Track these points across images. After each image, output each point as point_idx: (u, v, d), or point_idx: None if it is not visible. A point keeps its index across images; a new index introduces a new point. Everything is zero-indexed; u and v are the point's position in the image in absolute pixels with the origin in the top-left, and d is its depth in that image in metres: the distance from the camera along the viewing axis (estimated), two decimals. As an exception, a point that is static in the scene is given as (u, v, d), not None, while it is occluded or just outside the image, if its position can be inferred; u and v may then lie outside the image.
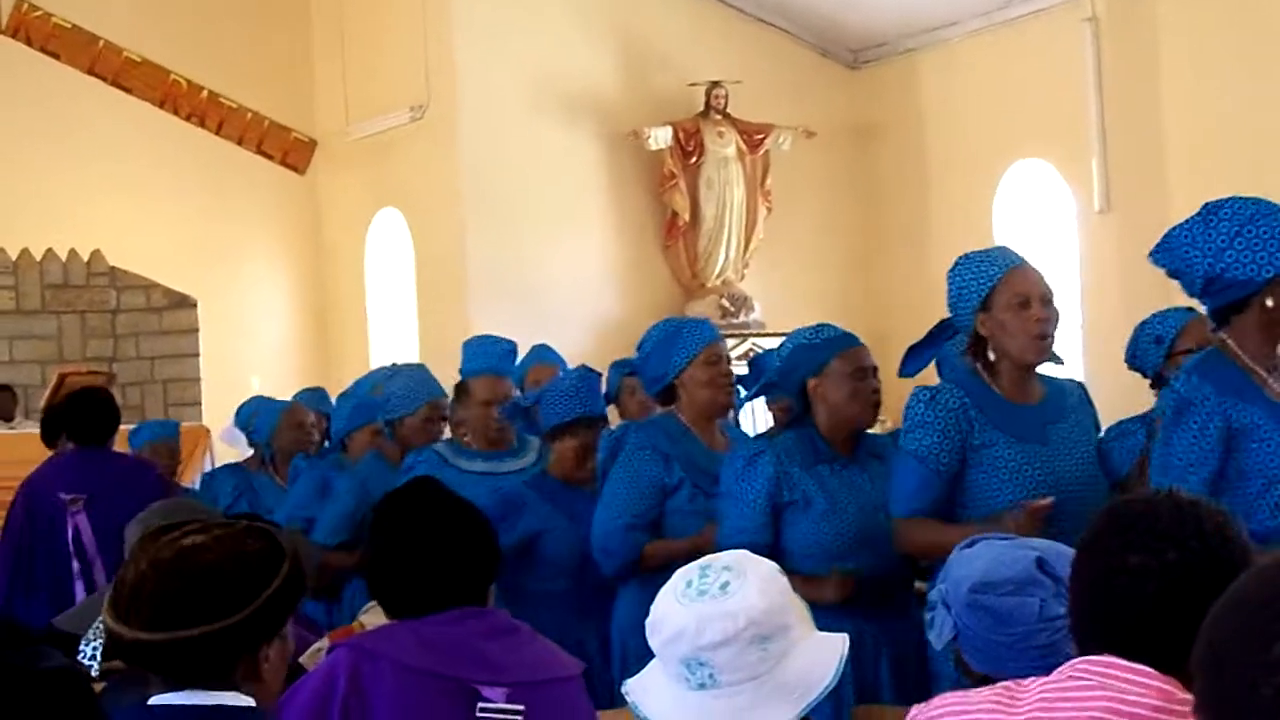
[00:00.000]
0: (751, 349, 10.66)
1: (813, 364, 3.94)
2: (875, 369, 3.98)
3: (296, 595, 2.23)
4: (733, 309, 11.91)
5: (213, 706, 2.15)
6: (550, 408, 4.75)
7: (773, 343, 10.84)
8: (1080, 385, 3.92)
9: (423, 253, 12.30)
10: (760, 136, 12.07)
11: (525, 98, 11.63)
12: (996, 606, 2.41)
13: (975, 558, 2.49)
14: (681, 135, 11.89)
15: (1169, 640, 1.88)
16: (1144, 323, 4.33)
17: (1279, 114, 8.69)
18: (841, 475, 3.91)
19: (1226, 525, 1.93)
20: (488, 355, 5.40)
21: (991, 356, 3.66)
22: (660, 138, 11.81)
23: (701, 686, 2.20)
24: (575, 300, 11.45)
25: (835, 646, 2.29)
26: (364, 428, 5.73)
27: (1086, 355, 10.35)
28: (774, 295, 12.03)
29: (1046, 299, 3.63)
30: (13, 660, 1.61)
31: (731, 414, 4.39)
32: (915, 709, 2.02)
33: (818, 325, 4.09)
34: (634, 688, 2.28)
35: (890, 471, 3.77)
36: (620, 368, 6.06)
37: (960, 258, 3.75)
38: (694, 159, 11.94)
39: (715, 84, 11.95)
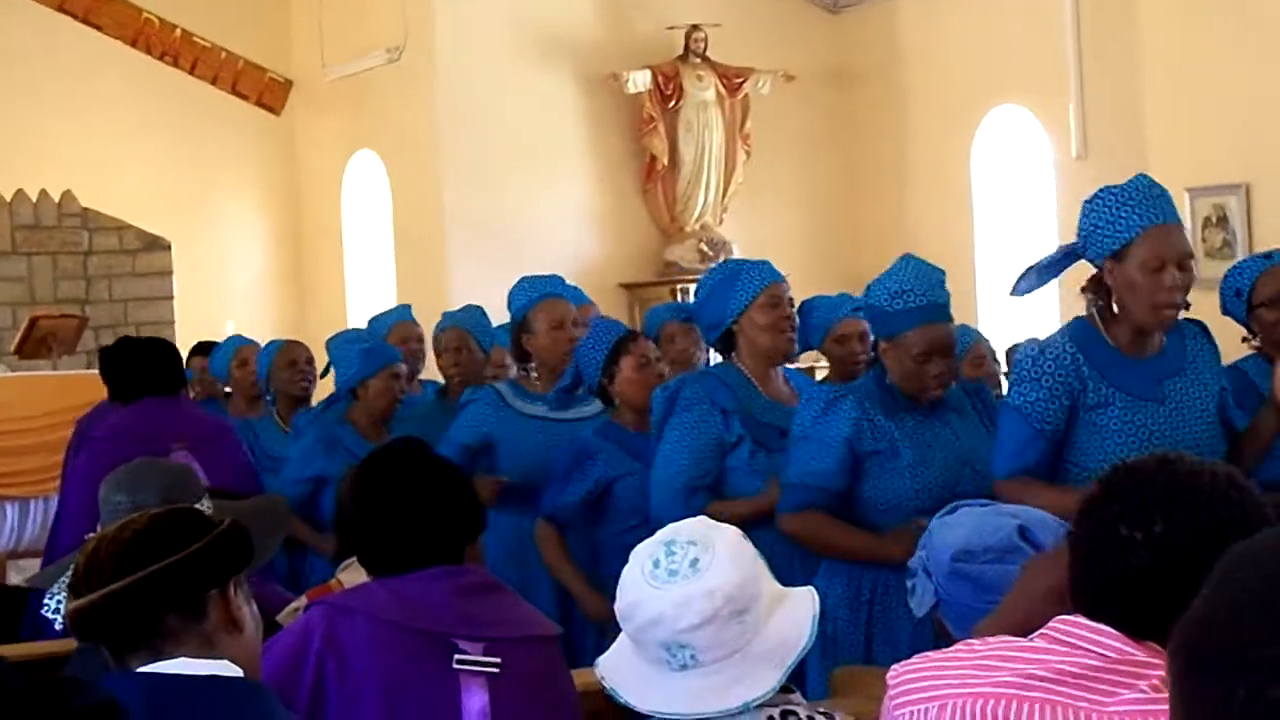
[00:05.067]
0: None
1: (885, 328, 3.75)
2: (951, 346, 3.72)
3: (233, 557, 2.23)
4: (711, 253, 11.88)
5: (206, 677, 2.14)
6: (586, 361, 4.59)
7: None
8: (1199, 326, 3.68)
9: (399, 195, 12.24)
10: (739, 80, 12.01)
11: (503, 40, 11.54)
12: (978, 574, 2.41)
13: (957, 525, 2.48)
14: (660, 79, 11.82)
15: (1150, 609, 1.88)
16: (1227, 274, 4.18)
17: (1258, 61, 8.67)
18: (925, 425, 3.73)
19: (1221, 501, 1.89)
20: (541, 284, 5.10)
21: (1115, 307, 3.45)
22: (639, 81, 11.74)
23: (684, 668, 2.18)
24: (553, 243, 11.40)
25: (807, 604, 2.28)
26: (380, 372, 5.59)
27: (1061, 302, 10.36)
28: (753, 239, 12.00)
29: (1184, 263, 3.40)
30: (48, 697, 1.59)
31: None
32: (895, 666, 2.02)
33: (903, 283, 3.73)
34: (608, 672, 2.26)
35: (969, 425, 3.62)
36: (661, 313, 5.77)
37: (1104, 190, 3.47)
38: (673, 103, 11.87)
39: (694, 27, 11.88)
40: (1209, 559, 1.86)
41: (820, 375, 5.83)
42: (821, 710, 2.27)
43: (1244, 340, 4.12)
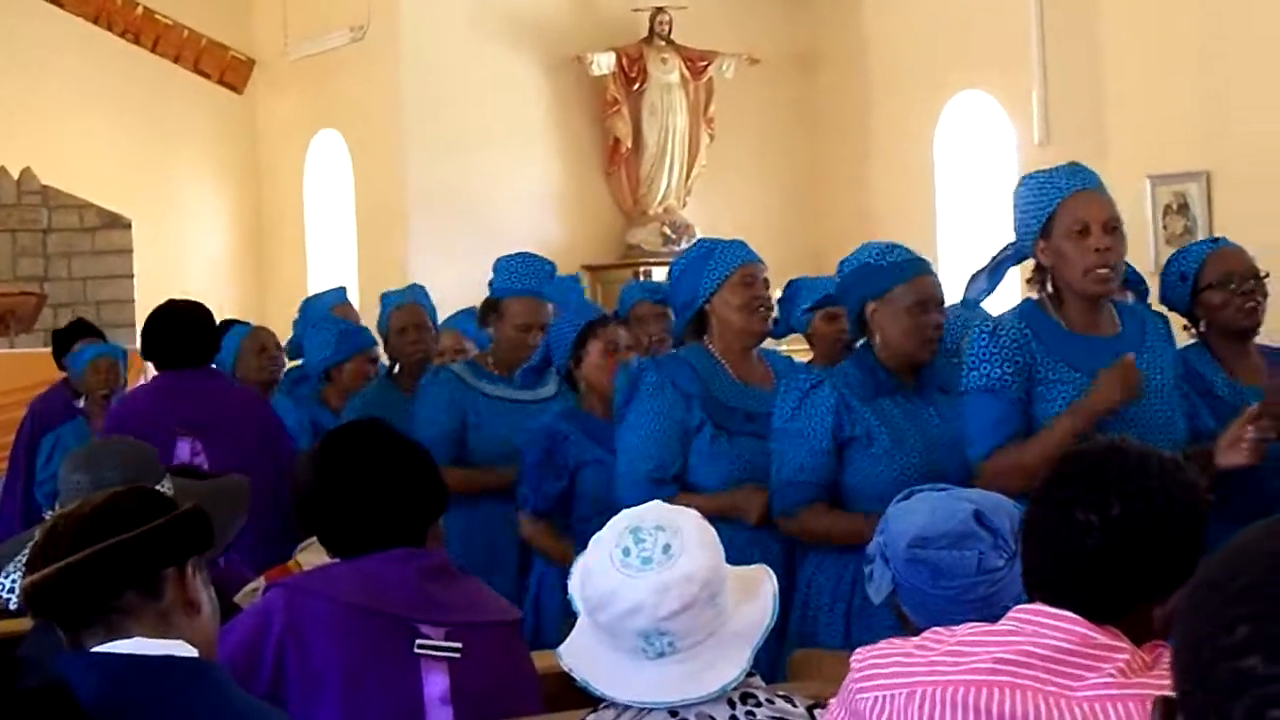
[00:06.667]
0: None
1: (874, 287, 3.67)
2: (941, 301, 3.70)
3: (193, 538, 2.21)
4: (674, 236, 11.88)
5: (161, 657, 2.12)
6: (556, 343, 4.50)
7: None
8: (1163, 318, 3.68)
9: (362, 175, 12.18)
10: (704, 63, 12.00)
11: (467, 21, 11.49)
12: (935, 560, 2.41)
13: (913, 511, 2.48)
14: (625, 61, 11.79)
15: (1107, 592, 1.90)
16: (1170, 259, 4.10)
17: (1219, 49, 8.71)
18: (905, 408, 3.67)
19: (1172, 482, 1.93)
20: (530, 274, 4.99)
21: (1049, 289, 3.44)
22: (603, 63, 11.71)
23: (661, 655, 2.17)
24: (516, 225, 11.36)
25: (765, 581, 2.29)
26: (357, 356, 5.47)
27: (1024, 286, 10.41)
28: (716, 222, 11.98)
29: (1110, 226, 3.38)
30: None
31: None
32: (860, 650, 2.03)
33: (888, 244, 3.78)
34: (577, 664, 2.25)
35: (959, 408, 3.53)
36: (635, 292, 5.67)
37: (1025, 177, 3.49)
38: (637, 85, 11.85)
39: (659, 10, 11.85)
40: (1163, 541, 1.91)
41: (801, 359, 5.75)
42: (780, 693, 2.27)
43: (1185, 328, 4.03)
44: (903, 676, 1.93)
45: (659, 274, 11.06)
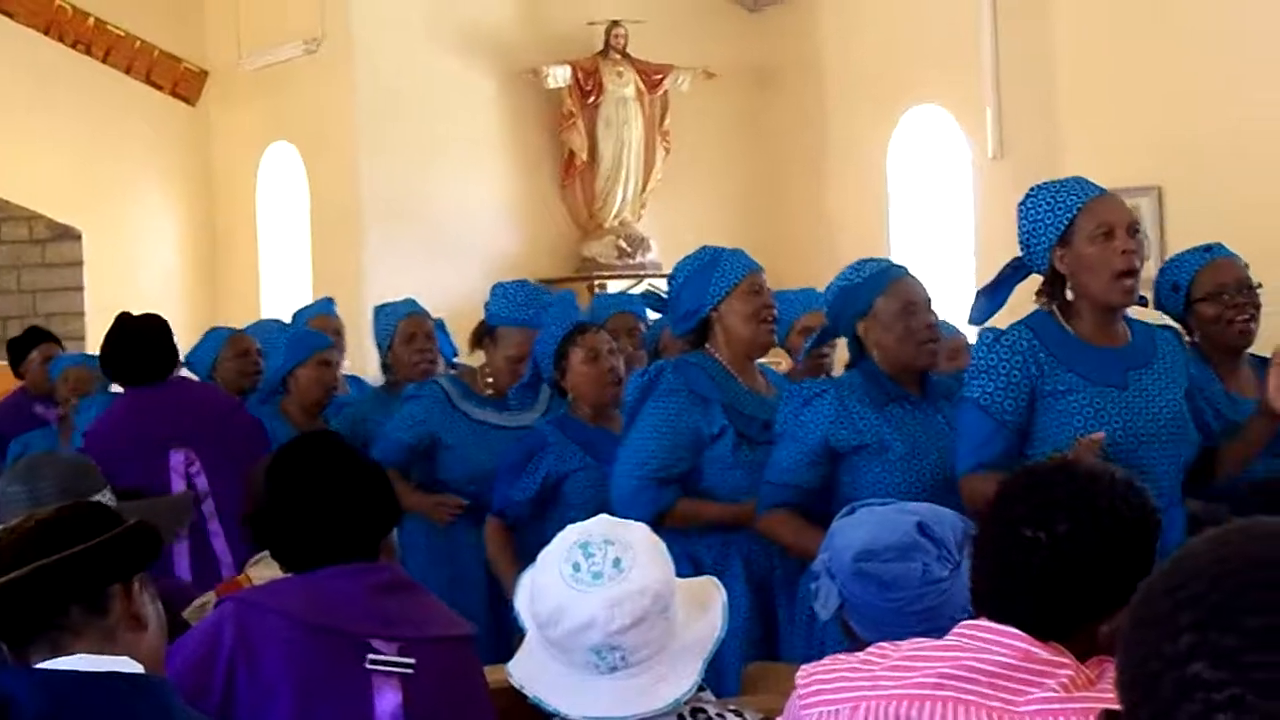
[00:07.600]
0: (649, 289, 10.64)
1: (857, 306, 3.65)
2: (928, 301, 3.67)
3: (139, 553, 2.19)
4: (629, 249, 11.88)
5: (105, 673, 2.10)
6: (541, 355, 4.44)
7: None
8: (1175, 332, 3.64)
9: (316, 187, 12.13)
10: (659, 77, 12.02)
11: (422, 33, 11.47)
12: (881, 573, 2.40)
13: (857, 525, 2.48)
14: (580, 74, 11.79)
15: (1054, 609, 1.90)
16: (1163, 267, 4.04)
17: (1172, 65, 8.80)
18: (915, 415, 3.64)
19: (1122, 501, 1.92)
20: (526, 304, 4.90)
21: (1069, 296, 3.38)
22: (559, 76, 11.71)
23: (613, 670, 2.17)
24: (471, 238, 11.35)
25: (713, 593, 2.29)
26: (309, 360, 5.36)
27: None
28: (671, 236, 12.00)
29: (1134, 229, 3.32)
30: None
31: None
32: (805, 666, 2.03)
33: (857, 262, 3.77)
34: (528, 681, 2.24)
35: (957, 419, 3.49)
36: (610, 304, 5.59)
37: (1034, 188, 3.43)
38: (592, 98, 11.85)
39: (615, 23, 11.86)
40: (1111, 559, 1.90)
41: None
42: (731, 708, 2.27)
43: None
44: (847, 691, 1.93)
45: (614, 287, 11.07)
